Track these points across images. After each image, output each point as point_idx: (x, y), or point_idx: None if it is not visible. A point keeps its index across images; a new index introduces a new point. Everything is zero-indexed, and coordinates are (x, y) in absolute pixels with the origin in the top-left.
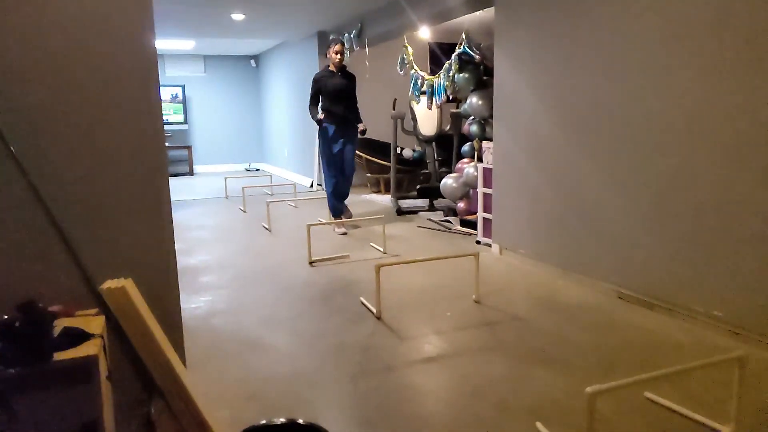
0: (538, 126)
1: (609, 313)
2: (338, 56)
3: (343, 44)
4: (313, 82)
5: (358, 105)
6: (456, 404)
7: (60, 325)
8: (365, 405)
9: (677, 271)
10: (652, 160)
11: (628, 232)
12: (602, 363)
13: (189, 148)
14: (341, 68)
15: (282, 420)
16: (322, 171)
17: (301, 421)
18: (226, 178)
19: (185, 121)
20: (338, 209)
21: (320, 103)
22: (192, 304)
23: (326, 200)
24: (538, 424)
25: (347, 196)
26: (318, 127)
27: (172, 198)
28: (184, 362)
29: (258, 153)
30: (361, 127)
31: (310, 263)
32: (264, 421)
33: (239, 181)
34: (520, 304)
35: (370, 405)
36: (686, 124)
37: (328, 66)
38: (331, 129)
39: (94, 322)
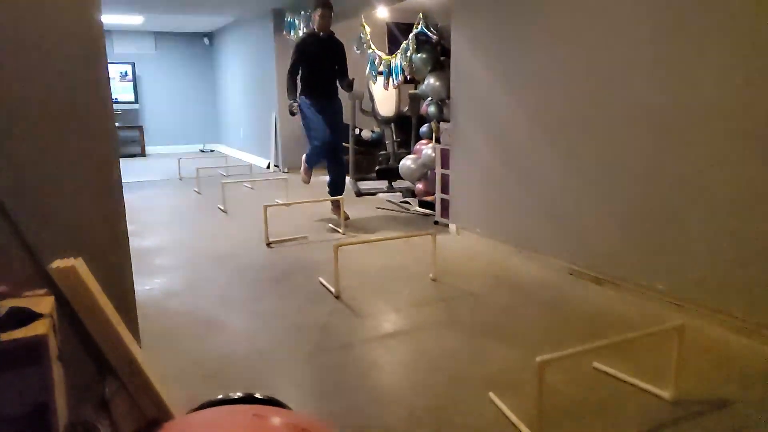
0: (493, 108)
1: (560, 289)
2: (324, 19)
3: (330, 7)
4: (294, 48)
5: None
6: (412, 378)
7: (6, 305)
8: (323, 380)
9: (623, 248)
10: (602, 142)
11: (579, 212)
12: (553, 335)
13: (140, 128)
14: (329, 34)
15: (239, 394)
16: (309, 140)
17: (258, 395)
18: (179, 160)
19: (136, 101)
20: (312, 166)
21: (301, 74)
22: (146, 285)
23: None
24: (491, 395)
25: (342, 188)
26: (292, 115)
27: (124, 180)
28: (138, 342)
29: (213, 134)
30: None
31: (268, 245)
32: (221, 396)
33: (193, 162)
34: (475, 281)
35: (327, 380)
36: (635, 106)
37: (314, 30)
38: (315, 101)
39: (42, 303)
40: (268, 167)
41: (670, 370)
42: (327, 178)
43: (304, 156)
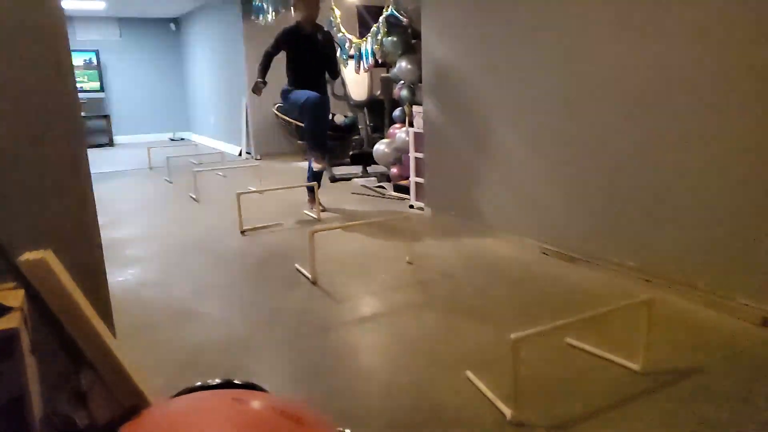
0: (464, 91)
1: (533, 268)
2: (309, 8)
3: None
4: (277, 38)
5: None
6: (390, 359)
7: None
8: (301, 364)
9: (594, 226)
10: (571, 124)
11: (550, 193)
12: (527, 313)
13: (107, 117)
14: (316, 26)
15: (218, 380)
16: (302, 120)
17: (237, 381)
18: (149, 149)
19: (101, 89)
20: (325, 146)
21: (286, 63)
22: (119, 277)
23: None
24: (468, 373)
25: (325, 147)
26: (254, 91)
27: (93, 170)
28: (113, 333)
29: (182, 122)
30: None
31: (242, 232)
32: (199, 383)
33: (163, 151)
34: (450, 263)
35: (306, 364)
36: (601, 86)
37: (299, 22)
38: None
39: (11, 296)
40: (240, 155)
41: (639, 343)
42: (300, 164)
43: (306, 139)
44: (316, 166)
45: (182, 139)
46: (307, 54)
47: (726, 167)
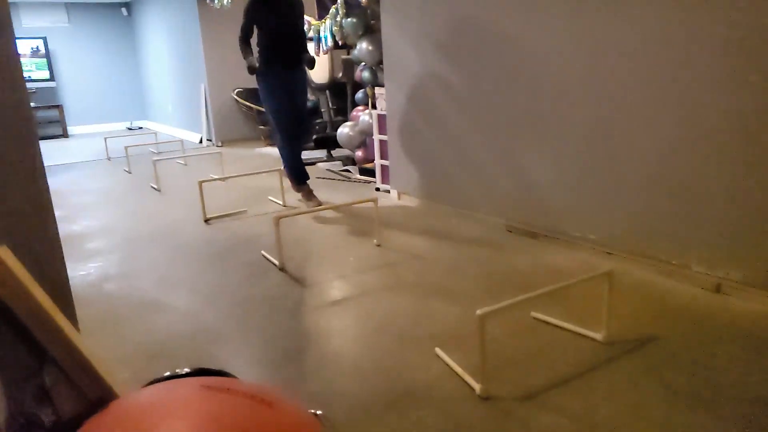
0: (424, 73)
1: (499, 245)
2: None
3: None
4: (245, 11)
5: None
6: (360, 340)
7: None
8: (272, 351)
9: (556, 202)
10: (528, 100)
11: (511, 171)
12: (493, 290)
13: (60, 107)
14: None
15: (187, 370)
16: (273, 128)
17: (206, 369)
18: (106, 139)
19: (52, 78)
20: (302, 172)
21: (258, 41)
22: (80, 271)
23: (279, 152)
24: (437, 350)
25: (300, 172)
26: (251, 72)
27: (47, 163)
28: (76, 328)
29: (139, 110)
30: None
31: (206, 221)
32: (168, 373)
33: (121, 141)
34: (418, 244)
35: (276, 350)
36: (560, 63)
37: None
38: (276, 75)
39: None
40: (201, 142)
41: (602, 314)
42: (262, 149)
43: (286, 172)
44: (295, 189)
45: (140, 128)
46: (282, 25)
47: (681, 141)
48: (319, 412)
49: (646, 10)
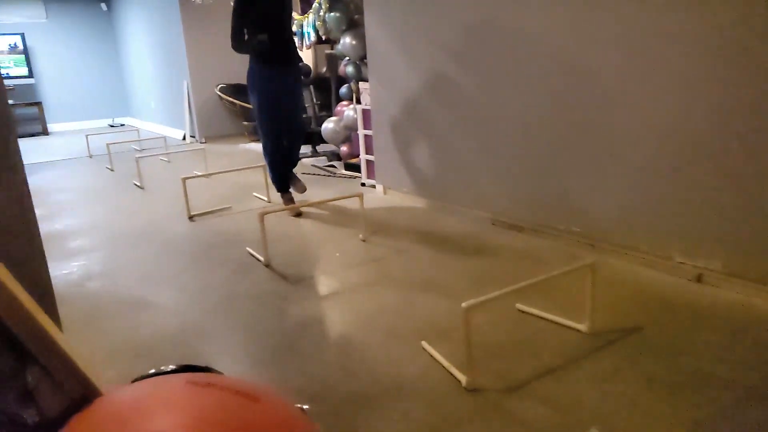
0: (407, 68)
1: (484, 239)
2: None
3: None
4: (233, 12)
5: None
6: (347, 336)
7: None
8: (258, 347)
9: (540, 195)
10: (511, 97)
11: (496, 165)
12: (478, 283)
13: (39, 104)
14: None
15: (172, 367)
16: (259, 130)
17: (191, 365)
18: (87, 136)
19: (30, 75)
20: (285, 181)
21: (247, 41)
22: (63, 270)
23: (265, 158)
24: (424, 343)
25: (296, 162)
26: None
27: (27, 161)
28: (59, 327)
29: (121, 107)
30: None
31: (190, 218)
32: (153, 370)
33: (103, 138)
34: (404, 239)
35: (263, 347)
36: (544, 58)
37: None
38: (266, 72)
39: None
40: (184, 138)
41: (585, 305)
42: (246, 145)
43: (270, 176)
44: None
45: (122, 125)
46: (271, 19)
47: (662, 137)
48: (305, 407)
49: (632, 1)
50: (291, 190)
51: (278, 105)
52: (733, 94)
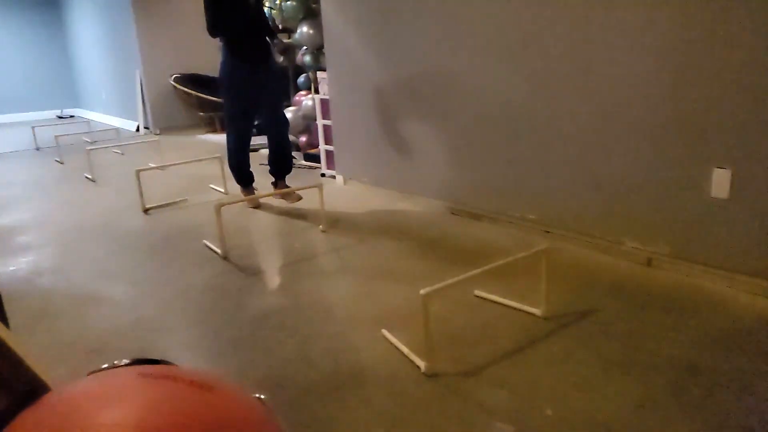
0: (365, 57)
1: (443, 227)
2: None
3: None
4: (205, 2)
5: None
6: (306, 326)
7: None
8: (216, 339)
9: (497, 184)
10: (468, 86)
11: (454, 155)
12: (439, 271)
13: None
14: None
15: (126, 361)
16: (227, 125)
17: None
18: (34, 128)
19: None
20: (246, 174)
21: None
22: (10, 266)
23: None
24: (384, 331)
25: (289, 167)
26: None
27: None
28: (6, 324)
29: (70, 97)
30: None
31: (145, 211)
32: (105, 366)
33: (51, 130)
34: (364, 229)
35: (221, 339)
36: (499, 49)
37: None
38: (242, 68)
39: None
40: (138, 130)
41: (541, 290)
42: (203, 137)
43: (230, 170)
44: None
45: (72, 116)
46: (246, 15)
47: (610, 127)
48: (262, 397)
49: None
50: (284, 199)
51: (245, 98)
52: (672, 83)
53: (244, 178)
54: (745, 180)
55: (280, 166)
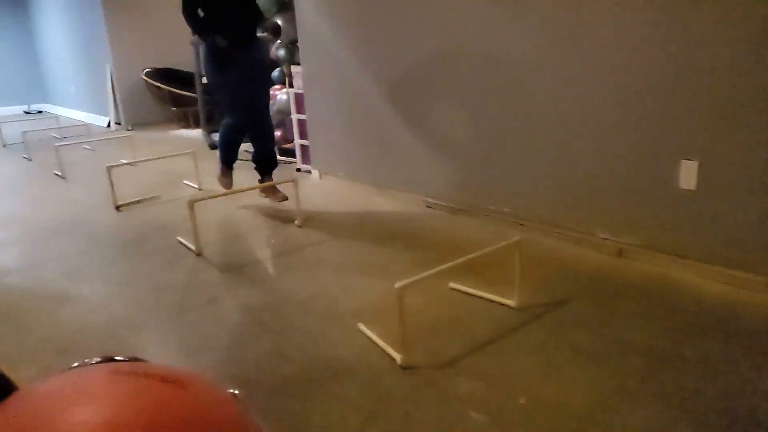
0: (340, 52)
1: (420, 221)
2: None
3: None
4: None
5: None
6: (282, 322)
7: None
8: (190, 337)
9: (472, 178)
10: (442, 83)
11: (431, 149)
12: (415, 264)
13: None
14: None
15: (97, 359)
16: (228, 109)
17: (118, 356)
18: (0, 124)
19: None
20: (234, 156)
21: (203, 15)
22: None
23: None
24: (360, 325)
25: (275, 162)
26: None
27: None
28: None
29: (38, 93)
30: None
31: (117, 208)
32: (76, 364)
33: (18, 126)
34: (340, 224)
35: (195, 337)
36: (470, 45)
37: None
38: (219, 55)
39: None
40: (109, 126)
41: (514, 282)
42: (175, 132)
43: (219, 155)
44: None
45: (40, 111)
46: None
47: (580, 121)
48: (236, 392)
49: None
50: (268, 197)
51: (238, 84)
52: (640, 77)
53: (230, 158)
54: (711, 171)
55: (266, 163)
